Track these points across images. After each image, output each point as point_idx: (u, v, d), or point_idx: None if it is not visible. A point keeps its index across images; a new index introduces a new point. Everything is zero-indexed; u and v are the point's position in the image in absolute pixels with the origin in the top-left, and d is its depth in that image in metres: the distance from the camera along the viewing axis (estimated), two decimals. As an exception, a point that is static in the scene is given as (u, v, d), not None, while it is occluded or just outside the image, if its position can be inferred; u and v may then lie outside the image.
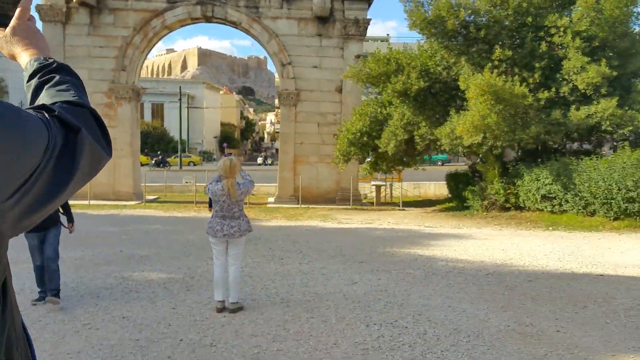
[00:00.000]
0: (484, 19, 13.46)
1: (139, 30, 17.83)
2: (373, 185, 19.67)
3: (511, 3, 12.91)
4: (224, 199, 5.23)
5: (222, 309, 5.23)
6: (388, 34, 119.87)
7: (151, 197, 19.43)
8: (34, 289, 5.63)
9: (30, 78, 1.06)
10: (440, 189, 21.24)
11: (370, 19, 18.14)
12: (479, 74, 12.32)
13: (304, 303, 5.59)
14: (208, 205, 9.55)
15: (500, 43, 13.02)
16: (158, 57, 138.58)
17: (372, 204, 18.84)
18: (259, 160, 56.98)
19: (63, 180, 0.86)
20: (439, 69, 14.39)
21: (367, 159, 17.17)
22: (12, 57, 1.11)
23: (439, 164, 39.97)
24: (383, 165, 16.68)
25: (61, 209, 5.73)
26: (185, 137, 50.03)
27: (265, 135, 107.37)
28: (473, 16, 13.54)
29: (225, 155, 6.68)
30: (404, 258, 8.09)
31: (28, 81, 1.06)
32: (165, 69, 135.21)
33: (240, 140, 75.77)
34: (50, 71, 1.06)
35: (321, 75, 18.22)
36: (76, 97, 1.01)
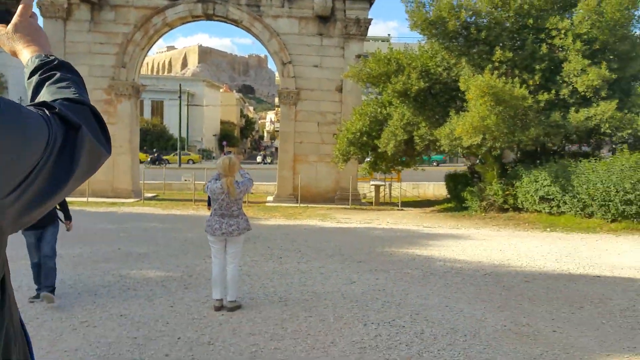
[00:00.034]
0: (485, 21, 13.47)
1: (139, 27, 17.82)
2: (372, 185, 19.66)
3: (512, 5, 12.92)
4: (223, 198, 5.23)
5: (220, 308, 5.24)
6: (389, 34, 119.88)
7: (150, 195, 19.40)
8: (32, 287, 5.63)
9: (32, 75, 1.07)
10: (439, 190, 21.25)
11: (371, 19, 18.13)
12: (479, 75, 12.33)
13: (302, 302, 5.60)
14: (207, 203, 9.52)
15: (500, 44, 13.03)
16: (158, 54, 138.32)
17: (371, 203, 18.84)
18: (258, 158, 57.01)
19: (63, 177, 0.87)
20: (440, 69, 14.39)
21: (367, 158, 17.18)
22: (14, 54, 1.12)
23: (434, 164, 39.82)
24: (382, 165, 16.68)
25: (59, 207, 5.68)
26: (184, 135, 50.04)
27: (265, 133, 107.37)
28: (474, 17, 13.55)
29: (225, 154, 6.69)
30: (402, 258, 8.10)
31: (29, 78, 1.07)
32: (166, 66, 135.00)
33: (239, 138, 75.76)
34: (51, 68, 1.07)
35: (321, 74, 18.21)
36: (77, 95, 1.01)
